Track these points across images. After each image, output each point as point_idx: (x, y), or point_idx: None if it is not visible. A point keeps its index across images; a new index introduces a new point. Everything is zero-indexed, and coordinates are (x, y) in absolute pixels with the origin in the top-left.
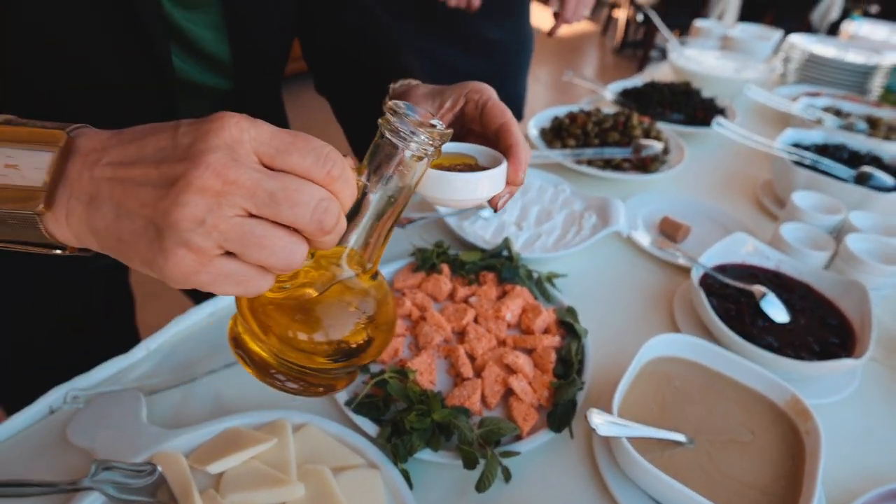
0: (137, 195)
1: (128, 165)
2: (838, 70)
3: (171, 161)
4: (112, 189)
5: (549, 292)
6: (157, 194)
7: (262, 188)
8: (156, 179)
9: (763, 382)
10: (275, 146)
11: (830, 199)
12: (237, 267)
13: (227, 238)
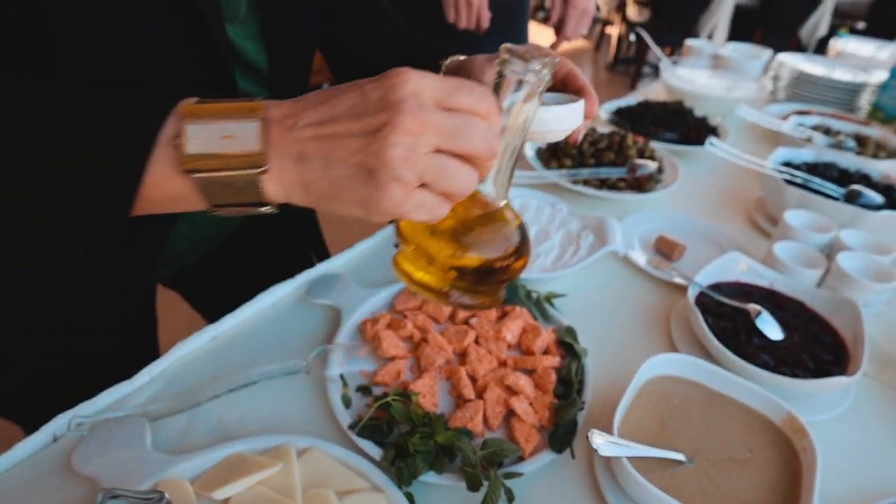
0: (345, 146)
1: (326, 123)
2: (827, 88)
3: (370, 113)
4: (318, 145)
5: (548, 312)
6: (365, 141)
7: (446, 126)
8: (358, 130)
9: (759, 400)
10: (445, 90)
11: (821, 218)
12: (428, 196)
13: (424, 171)
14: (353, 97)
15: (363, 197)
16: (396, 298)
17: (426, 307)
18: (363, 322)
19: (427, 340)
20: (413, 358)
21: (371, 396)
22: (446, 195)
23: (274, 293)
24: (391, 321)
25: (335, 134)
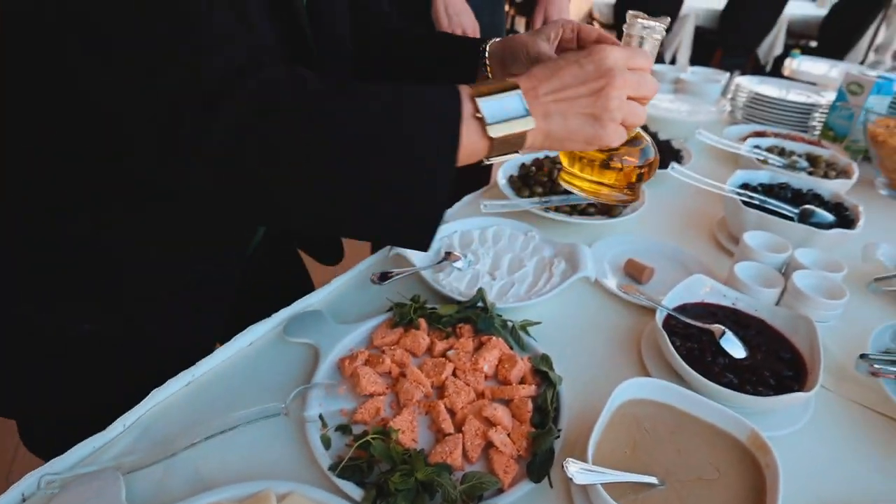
0: (577, 104)
1: (560, 90)
2: (782, 109)
3: (591, 80)
4: (557, 105)
5: (523, 341)
6: (592, 99)
7: (635, 81)
8: (586, 92)
9: (725, 420)
10: (630, 57)
11: (778, 238)
12: (620, 128)
13: (625, 113)
14: (574, 70)
15: (591, 135)
16: (374, 333)
17: (403, 341)
18: (341, 359)
19: (405, 375)
20: (392, 393)
21: (351, 436)
22: (632, 126)
23: (250, 333)
24: (369, 357)
25: (568, 97)
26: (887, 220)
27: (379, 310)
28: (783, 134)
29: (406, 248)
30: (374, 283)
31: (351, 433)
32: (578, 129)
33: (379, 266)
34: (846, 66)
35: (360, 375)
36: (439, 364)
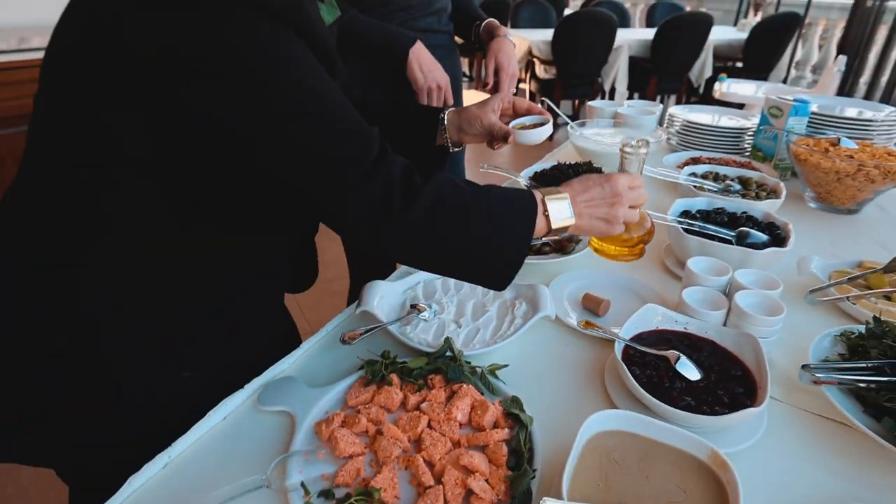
0: (598, 212)
1: (590, 201)
2: (713, 134)
3: (608, 197)
4: (587, 210)
5: (493, 385)
6: (607, 209)
7: (634, 197)
8: (604, 205)
9: (687, 442)
10: (631, 181)
11: (719, 262)
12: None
13: (626, 217)
14: (599, 189)
15: (603, 231)
16: (348, 394)
17: (377, 398)
18: (317, 424)
19: (382, 433)
20: (371, 452)
21: (334, 500)
22: (629, 222)
23: (224, 407)
24: (345, 418)
25: (594, 206)
26: (818, 231)
27: (350, 369)
28: (716, 159)
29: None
30: (344, 343)
31: (334, 497)
32: (597, 226)
33: (346, 326)
34: (770, 86)
35: (337, 438)
36: (414, 418)
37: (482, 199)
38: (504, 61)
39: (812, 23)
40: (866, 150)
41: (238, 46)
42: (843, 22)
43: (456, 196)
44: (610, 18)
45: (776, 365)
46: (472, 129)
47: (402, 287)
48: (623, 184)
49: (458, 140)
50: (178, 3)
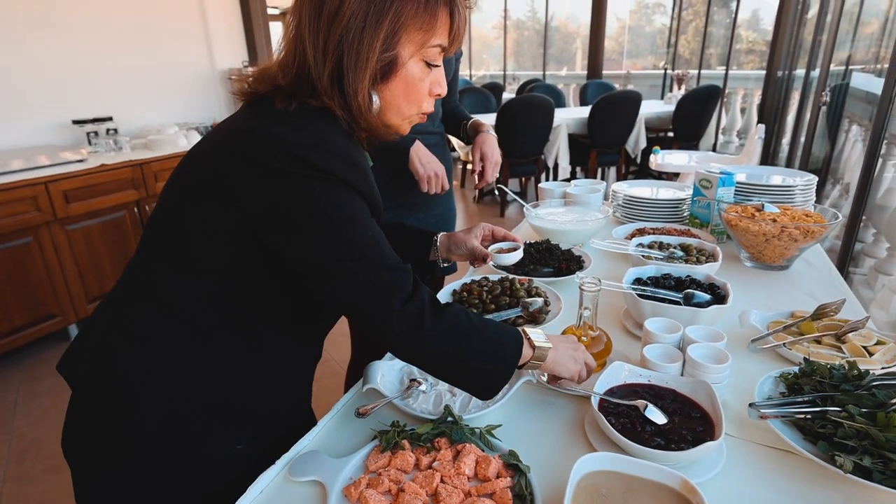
0: (569, 365)
1: (567, 353)
2: (653, 207)
3: (578, 359)
4: (562, 358)
5: (491, 442)
6: (574, 366)
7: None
8: (573, 360)
9: (660, 474)
10: (583, 352)
11: (671, 321)
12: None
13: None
14: (572, 351)
15: (572, 370)
16: (367, 460)
17: (394, 462)
18: (346, 488)
19: (404, 490)
20: None
21: None
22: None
23: (260, 482)
24: (370, 481)
25: (567, 358)
26: (754, 286)
27: (365, 439)
28: (659, 229)
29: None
30: (358, 417)
31: None
32: (567, 365)
33: (355, 402)
34: (701, 155)
35: (367, 498)
36: (428, 475)
37: (485, 325)
38: (488, 151)
39: (732, 93)
40: (787, 213)
41: (325, 208)
42: (759, 90)
43: (468, 320)
44: (546, 102)
45: (729, 406)
46: (458, 250)
47: (398, 365)
48: (583, 356)
49: (447, 258)
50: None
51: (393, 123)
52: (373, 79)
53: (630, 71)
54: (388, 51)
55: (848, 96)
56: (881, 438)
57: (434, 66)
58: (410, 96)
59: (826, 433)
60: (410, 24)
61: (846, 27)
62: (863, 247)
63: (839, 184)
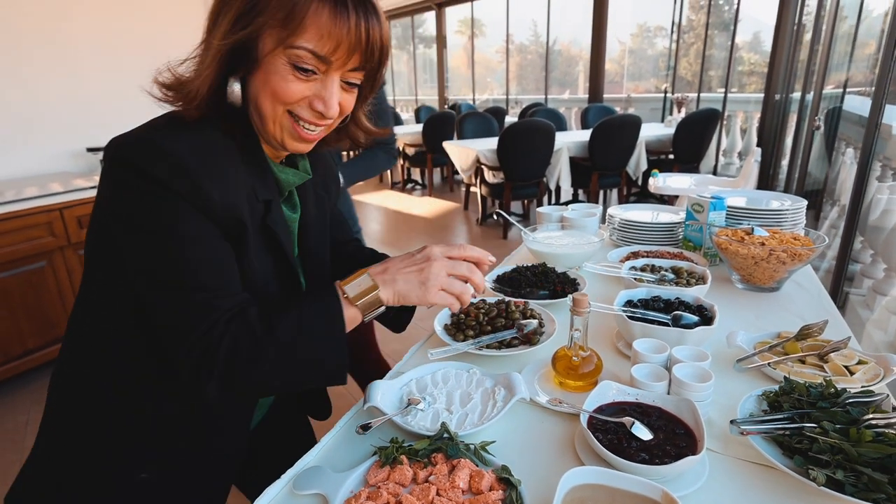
0: (412, 275)
1: (402, 269)
2: (647, 230)
3: (420, 262)
4: (400, 276)
5: (485, 458)
6: (416, 273)
7: (450, 265)
8: (416, 269)
9: (643, 487)
10: (446, 250)
11: (659, 342)
12: (445, 294)
13: (442, 283)
14: (411, 259)
15: (420, 294)
16: (368, 475)
17: (392, 476)
18: (347, 501)
19: (401, 502)
20: None
21: None
22: (456, 295)
23: (266, 496)
24: (369, 494)
25: (406, 272)
26: (744, 308)
27: (365, 455)
28: (653, 252)
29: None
30: (359, 434)
31: None
32: (412, 289)
33: (356, 420)
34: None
35: None
36: (425, 489)
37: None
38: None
39: (731, 115)
40: (776, 236)
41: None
42: (758, 113)
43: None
44: (547, 126)
45: (713, 423)
46: None
47: (398, 384)
48: (436, 251)
49: None
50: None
51: (268, 128)
52: (228, 67)
53: (631, 94)
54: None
55: (842, 119)
56: (853, 453)
57: (306, 72)
58: (268, 93)
59: (802, 448)
60: (269, 13)
61: (845, 49)
62: (861, 267)
63: (837, 205)
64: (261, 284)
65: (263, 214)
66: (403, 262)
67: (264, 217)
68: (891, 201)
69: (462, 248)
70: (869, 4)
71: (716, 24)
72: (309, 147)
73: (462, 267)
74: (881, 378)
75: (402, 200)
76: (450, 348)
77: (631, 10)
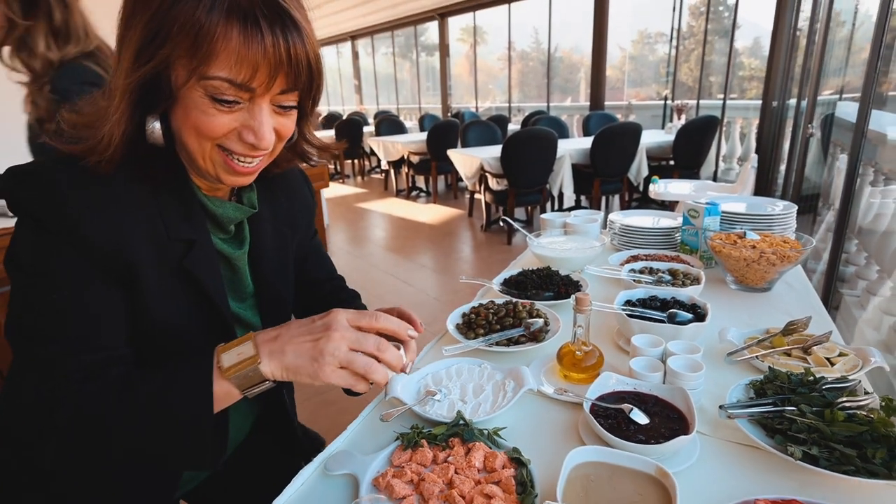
0: (304, 347)
1: (294, 338)
2: (646, 235)
3: (317, 332)
4: (291, 347)
5: (497, 442)
6: (314, 345)
7: (355, 338)
8: (311, 340)
9: (641, 463)
10: (355, 318)
11: (655, 337)
12: (346, 373)
13: (342, 359)
14: (307, 325)
15: (312, 372)
16: (392, 456)
17: (414, 458)
18: (375, 479)
19: (424, 479)
20: (418, 494)
21: None
22: (361, 374)
23: (301, 476)
24: (394, 472)
25: (299, 342)
26: (737, 307)
27: (388, 440)
28: (652, 255)
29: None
30: (383, 421)
31: None
32: (303, 364)
33: (379, 410)
34: (700, 184)
35: (392, 486)
36: (444, 468)
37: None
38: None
39: (731, 121)
40: (766, 239)
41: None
42: (757, 119)
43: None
44: (550, 134)
45: (704, 409)
46: None
47: (416, 378)
48: (340, 319)
49: None
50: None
51: (198, 164)
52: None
53: (631, 102)
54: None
55: (834, 125)
56: (827, 431)
57: (228, 104)
58: (191, 128)
59: (782, 429)
60: (172, 42)
61: (842, 54)
62: (856, 269)
63: (832, 209)
64: (177, 331)
65: (181, 255)
66: (300, 328)
67: (182, 258)
68: (883, 205)
69: (374, 317)
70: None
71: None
72: (249, 179)
73: (369, 341)
74: (860, 368)
75: (406, 208)
76: (462, 345)
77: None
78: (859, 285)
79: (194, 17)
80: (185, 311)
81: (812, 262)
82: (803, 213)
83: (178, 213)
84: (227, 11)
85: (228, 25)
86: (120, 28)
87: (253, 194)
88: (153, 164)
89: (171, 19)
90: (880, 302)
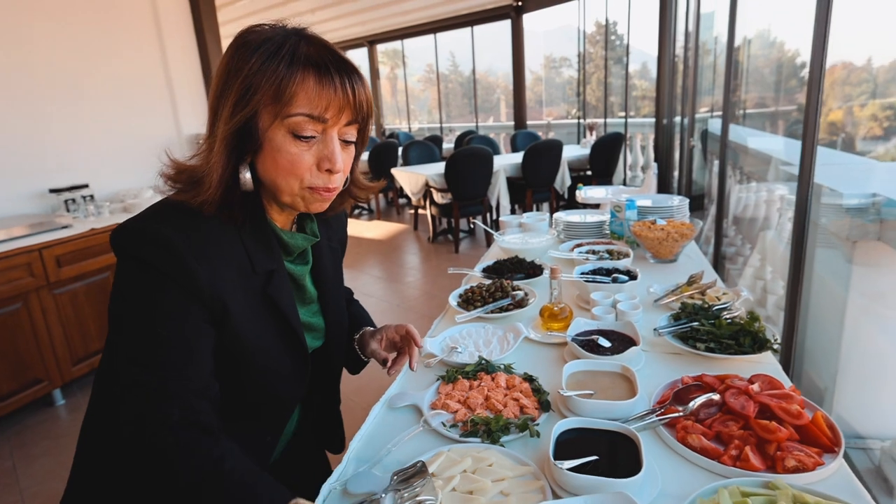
0: None
1: None
2: (584, 228)
3: None
4: None
5: (512, 371)
6: None
7: None
8: None
9: (611, 365)
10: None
11: (606, 293)
12: None
13: None
14: None
15: None
16: (439, 389)
17: (455, 387)
18: (432, 403)
19: (468, 398)
20: (466, 408)
21: (459, 426)
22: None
23: (373, 413)
24: (446, 395)
25: None
26: (656, 273)
27: (432, 380)
28: (592, 241)
29: None
30: (427, 367)
31: (457, 426)
32: None
33: (413, 374)
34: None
35: (448, 404)
36: (480, 389)
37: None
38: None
39: (633, 136)
40: (671, 224)
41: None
42: (653, 134)
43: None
44: (486, 151)
45: (644, 336)
46: (369, 345)
47: (438, 340)
48: None
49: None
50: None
51: (285, 201)
52: (236, 152)
53: (550, 121)
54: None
55: (709, 138)
56: (717, 333)
57: (307, 139)
58: (281, 170)
59: (692, 337)
60: (262, 91)
61: (711, 77)
62: (735, 248)
63: (713, 203)
64: (261, 346)
65: (265, 284)
66: None
67: (265, 286)
68: (748, 199)
69: None
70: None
71: (612, 56)
72: (326, 206)
73: None
74: (736, 299)
75: (352, 226)
76: (471, 313)
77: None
78: (739, 261)
79: (278, 70)
80: (266, 329)
81: (704, 246)
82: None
83: (260, 248)
84: (304, 64)
85: (305, 73)
86: (218, 88)
87: (314, 224)
88: (239, 207)
89: (260, 75)
90: (751, 272)
